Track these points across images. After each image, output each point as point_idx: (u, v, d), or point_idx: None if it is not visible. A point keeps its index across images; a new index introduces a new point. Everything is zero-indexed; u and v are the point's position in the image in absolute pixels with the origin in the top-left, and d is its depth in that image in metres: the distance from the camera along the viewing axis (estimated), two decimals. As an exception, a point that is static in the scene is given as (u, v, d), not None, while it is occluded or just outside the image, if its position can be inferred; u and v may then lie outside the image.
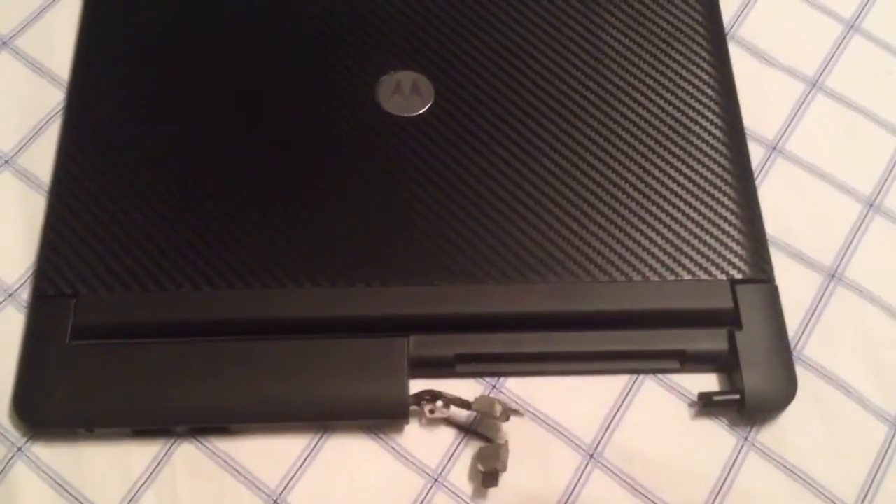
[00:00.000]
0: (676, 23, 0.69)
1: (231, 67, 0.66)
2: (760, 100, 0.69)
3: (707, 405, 0.58)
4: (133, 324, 0.58)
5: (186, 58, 0.66)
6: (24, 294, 0.60)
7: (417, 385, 0.57)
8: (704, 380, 0.59)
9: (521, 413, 0.57)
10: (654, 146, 0.64)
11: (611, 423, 0.58)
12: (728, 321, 0.59)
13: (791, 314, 0.60)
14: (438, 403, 0.56)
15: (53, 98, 0.67)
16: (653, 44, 0.68)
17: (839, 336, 0.61)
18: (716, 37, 0.69)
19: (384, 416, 0.57)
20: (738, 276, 0.60)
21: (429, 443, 0.57)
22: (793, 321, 0.61)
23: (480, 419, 0.57)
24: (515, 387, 0.59)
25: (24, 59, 0.68)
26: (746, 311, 0.59)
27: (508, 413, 0.55)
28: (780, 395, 0.57)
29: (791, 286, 0.61)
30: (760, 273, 0.60)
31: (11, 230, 0.62)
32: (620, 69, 0.67)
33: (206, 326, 0.58)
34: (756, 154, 0.66)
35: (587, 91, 0.66)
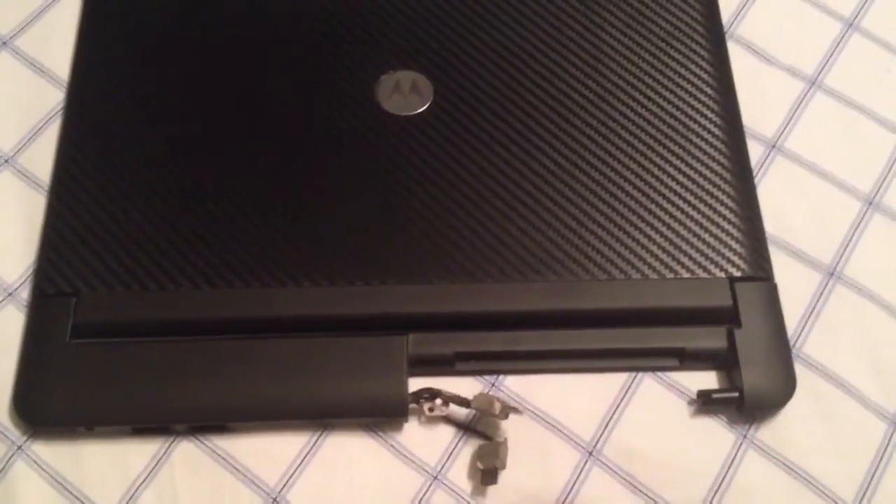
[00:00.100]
0: (675, 21, 0.69)
1: (230, 67, 0.66)
2: (760, 98, 0.69)
3: (706, 403, 0.58)
4: (133, 323, 0.58)
5: (185, 57, 0.66)
6: (24, 293, 0.60)
7: (417, 383, 0.57)
8: (703, 377, 0.59)
9: (520, 411, 0.57)
10: (654, 144, 0.64)
11: (610, 421, 0.58)
12: (727, 319, 0.59)
13: (790, 312, 0.60)
14: (437, 401, 0.57)
15: (53, 98, 0.67)
16: (652, 42, 0.68)
17: (838, 334, 0.61)
18: (715, 35, 0.69)
19: (383, 415, 0.57)
20: (738, 274, 0.60)
21: (428, 441, 0.57)
22: (792, 319, 0.61)
23: (479, 417, 0.57)
24: (514, 385, 0.59)
25: (24, 59, 0.68)
26: (745, 309, 0.59)
27: (507, 411, 0.55)
28: (779, 393, 0.57)
29: (790, 284, 0.61)
30: (759, 271, 0.60)
31: (11, 229, 0.62)
32: (620, 68, 0.67)
33: (206, 325, 0.58)
34: (755, 152, 0.67)
35: (586, 90, 0.66)
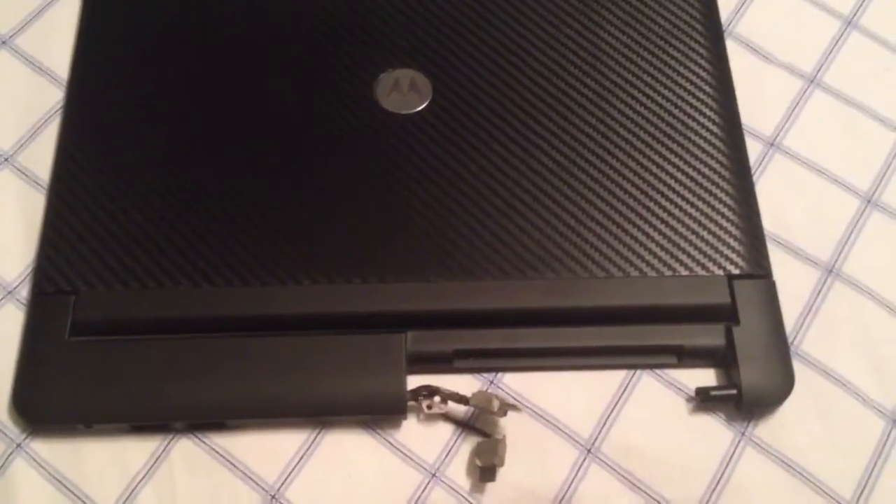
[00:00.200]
0: (674, 20, 0.69)
1: (229, 65, 0.66)
2: (758, 96, 0.69)
3: (704, 400, 0.58)
4: (132, 320, 0.58)
5: (184, 56, 0.66)
6: (24, 291, 0.60)
7: (415, 381, 0.57)
8: (702, 375, 0.59)
9: (519, 408, 0.57)
10: (652, 142, 0.64)
11: (608, 419, 0.58)
12: (725, 316, 0.59)
13: (788, 309, 0.60)
14: (436, 399, 0.57)
15: (53, 97, 0.67)
16: (651, 41, 0.68)
17: (836, 331, 0.61)
18: (713, 33, 0.69)
19: (382, 412, 0.57)
20: (736, 272, 0.60)
21: (426, 438, 0.57)
22: (790, 316, 0.61)
23: (478, 414, 0.57)
24: (513, 382, 0.59)
25: (24, 58, 0.69)
26: (744, 307, 0.59)
27: (506, 408, 0.55)
28: (777, 390, 0.57)
29: (788, 281, 0.61)
30: (758, 268, 0.60)
31: (11, 228, 0.62)
32: (618, 66, 0.67)
33: (205, 323, 0.58)
34: (754, 150, 0.67)
35: (585, 88, 0.66)
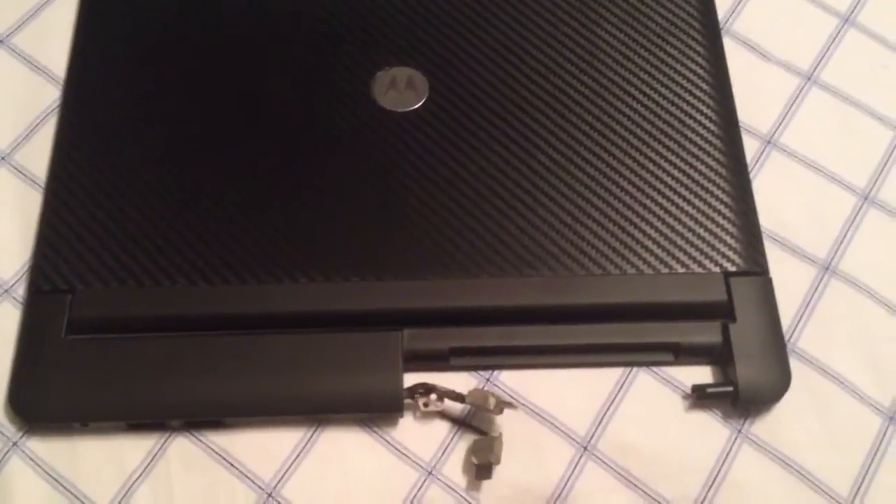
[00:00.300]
0: (671, 17, 0.69)
1: (225, 64, 0.66)
2: (755, 94, 0.69)
3: (701, 397, 0.58)
4: (128, 319, 0.58)
5: (180, 54, 0.66)
6: (20, 289, 0.60)
7: (412, 378, 0.57)
8: (698, 372, 0.59)
9: (515, 406, 0.57)
10: (649, 140, 0.64)
11: (604, 416, 0.58)
12: (722, 314, 0.59)
13: (785, 307, 0.60)
14: (432, 397, 0.57)
15: (50, 95, 0.67)
16: (648, 38, 0.68)
17: (833, 329, 0.61)
18: (711, 31, 0.69)
19: (378, 410, 0.57)
20: (732, 269, 0.60)
21: (423, 436, 0.57)
22: (787, 314, 0.61)
23: (474, 412, 0.57)
24: (509, 380, 0.59)
25: (21, 57, 0.69)
26: (740, 304, 0.59)
27: (502, 406, 0.55)
28: (774, 388, 0.57)
29: (785, 279, 0.61)
30: (754, 266, 0.60)
31: (7, 226, 0.62)
32: (615, 63, 0.67)
33: (201, 321, 0.58)
34: (751, 147, 0.67)
35: (582, 85, 0.66)
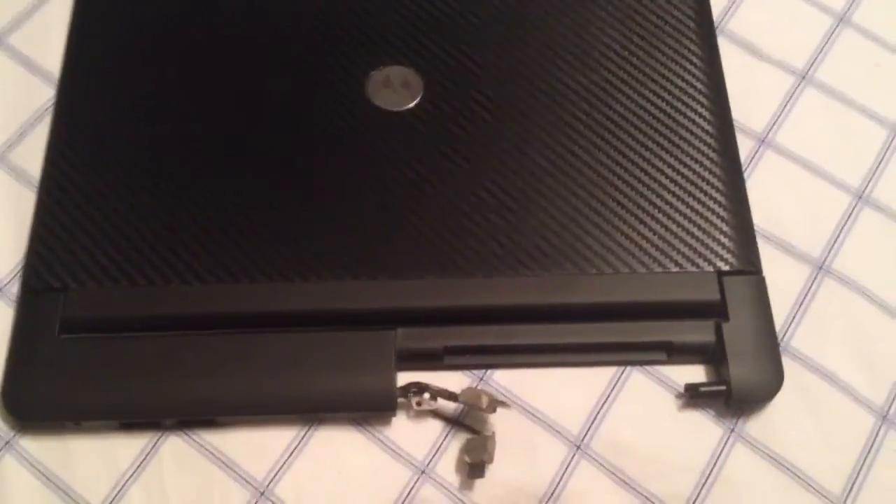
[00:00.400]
0: (666, 17, 0.69)
1: (218, 63, 0.66)
2: (750, 93, 0.69)
3: (694, 397, 0.58)
4: (121, 318, 0.58)
5: (174, 55, 0.66)
6: (14, 288, 0.60)
7: (406, 377, 0.57)
8: (691, 371, 0.59)
9: (508, 405, 0.57)
10: (643, 139, 0.64)
11: (598, 415, 0.58)
12: (715, 313, 0.59)
13: (778, 306, 0.60)
14: (425, 396, 0.57)
15: (44, 95, 0.67)
16: (643, 38, 0.68)
17: (826, 328, 0.61)
18: (706, 30, 0.69)
19: (372, 409, 0.57)
20: (726, 268, 0.60)
21: (416, 435, 0.57)
22: (780, 313, 0.61)
23: (467, 411, 0.57)
24: (503, 379, 0.59)
25: (16, 56, 0.69)
26: (733, 303, 0.59)
27: (495, 405, 0.55)
28: (767, 387, 0.57)
29: (779, 278, 0.61)
30: (748, 265, 0.60)
31: (1, 225, 0.62)
32: (610, 63, 0.67)
33: (194, 320, 0.58)
34: (745, 146, 0.67)
35: (576, 85, 0.66)
